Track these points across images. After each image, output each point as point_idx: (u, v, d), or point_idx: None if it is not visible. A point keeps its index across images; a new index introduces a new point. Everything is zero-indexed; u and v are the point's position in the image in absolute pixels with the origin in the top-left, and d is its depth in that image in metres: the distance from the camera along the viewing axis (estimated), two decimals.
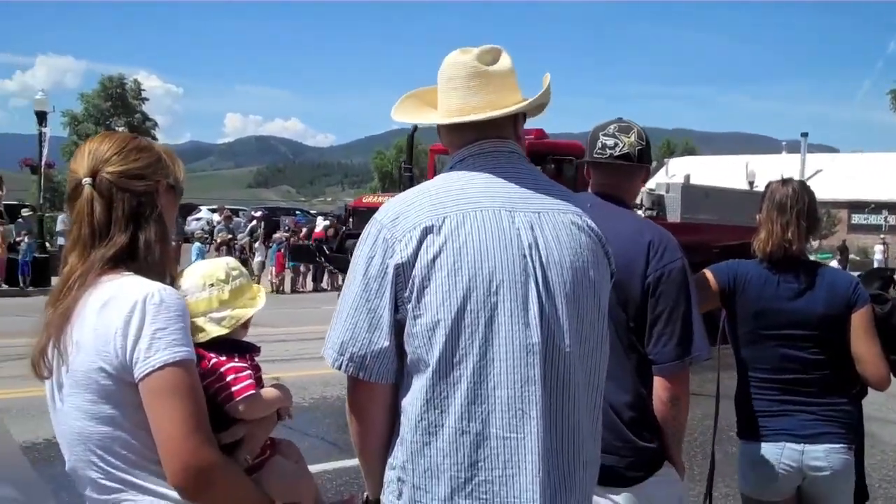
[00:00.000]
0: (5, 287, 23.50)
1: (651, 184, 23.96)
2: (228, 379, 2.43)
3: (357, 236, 10.64)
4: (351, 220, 18.11)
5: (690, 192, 19.60)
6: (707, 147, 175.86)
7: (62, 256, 2.39)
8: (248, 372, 2.48)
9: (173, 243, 2.49)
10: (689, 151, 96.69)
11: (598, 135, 3.70)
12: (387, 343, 2.34)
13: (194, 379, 2.21)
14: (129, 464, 2.23)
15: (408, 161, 18.72)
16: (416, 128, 17.86)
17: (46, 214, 28.87)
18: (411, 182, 18.27)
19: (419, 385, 2.34)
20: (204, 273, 2.56)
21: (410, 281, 2.32)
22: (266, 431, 2.54)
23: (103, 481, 2.26)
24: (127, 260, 2.31)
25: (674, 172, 56.67)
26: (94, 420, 2.22)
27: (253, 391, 2.45)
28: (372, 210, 17.70)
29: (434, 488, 2.33)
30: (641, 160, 3.68)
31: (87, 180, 2.34)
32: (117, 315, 2.18)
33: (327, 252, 17.66)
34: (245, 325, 2.59)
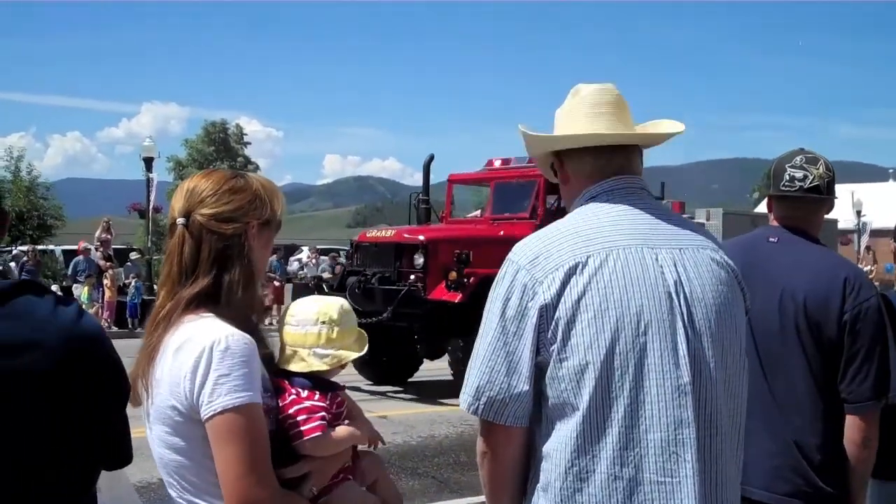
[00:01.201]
0: (115, 329, 23.96)
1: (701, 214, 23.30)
2: (300, 419, 2.50)
3: (358, 273, 10.52)
4: (355, 256, 16.21)
5: (732, 220, 19.22)
6: None
7: (157, 293, 2.55)
8: (322, 413, 2.52)
9: (276, 283, 2.58)
10: None
11: (783, 167, 3.60)
12: (526, 387, 2.29)
13: (253, 422, 2.30)
14: (197, 489, 2.38)
15: (424, 192, 17.53)
16: (432, 157, 17.31)
17: (154, 258, 29.51)
18: (427, 214, 17.45)
19: (566, 430, 2.28)
20: (319, 309, 2.63)
21: (553, 323, 2.27)
22: (335, 465, 2.59)
23: (178, 500, 2.43)
24: (209, 301, 2.42)
25: None
26: (170, 449, 2.39)
27: (319, 433, 2.50)
28: (374, 245, 15.60)
29: None
30: (829, 192, 3.59)
31: (180, 220, 2.47)
32: (187, 359, 2.31)
33: (326, 291, 16.02)
34: (342, 366, 2.65)
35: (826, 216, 3.68)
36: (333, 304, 2.66)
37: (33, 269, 24.73)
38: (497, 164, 17.35)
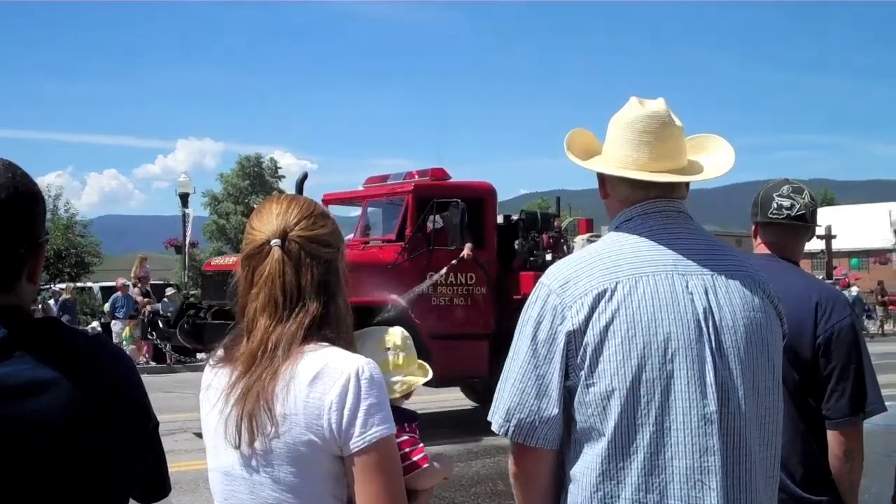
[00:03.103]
0: (153, 364, 24.12)
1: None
2: (406, 450, 2.39)
3: (197, 307, 11.14)
4: (203, 286, 14.39)
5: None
6: (846, 196, 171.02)
7: (248, 319, 2.27)
8: (421, 444, 2.46)
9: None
10: (828, 202, 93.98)
11: (771, 195, 3.77)
12: (556, 411, 2.31)
13: (397, 454, 2.21)
14: None
15: None
16: (305, 175, 15.58)
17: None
18: None
19: (592, 455, 2.29)
20: (383, 337, 2.56)
21: (582, 348, 2.28)
22: (427, 501, 2.54)
23: None
24: (321, 329, 2.24)
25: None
26: (291, 493, 2.17)
27: (428, 463, 2.43)
28: (221, 274, 12.92)
29: None
30: (812, 220, 3.79)
31: (275, 242, 2.25)
32: (331, 389, 2.13)
33: (160, 326, 13.95)
34: (407, 395, 2.59)
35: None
36: (395, 331, 2.60)
37: (72, 305, 24.96)
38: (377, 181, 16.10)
